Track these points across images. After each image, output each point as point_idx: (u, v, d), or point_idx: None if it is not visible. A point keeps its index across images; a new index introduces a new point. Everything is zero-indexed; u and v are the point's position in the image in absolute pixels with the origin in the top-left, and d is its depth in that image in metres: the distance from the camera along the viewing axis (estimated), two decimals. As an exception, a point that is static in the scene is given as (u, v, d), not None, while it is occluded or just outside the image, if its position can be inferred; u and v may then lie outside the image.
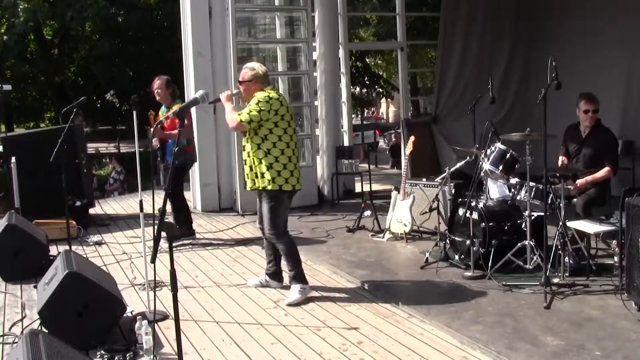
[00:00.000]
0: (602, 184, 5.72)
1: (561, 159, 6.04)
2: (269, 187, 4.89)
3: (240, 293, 5.23)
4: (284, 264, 5.20)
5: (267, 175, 4.87)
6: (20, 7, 17.85)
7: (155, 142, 6.79)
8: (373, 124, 30.78)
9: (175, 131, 6.59)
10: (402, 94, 11.66)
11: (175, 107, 6.72)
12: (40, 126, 23.92)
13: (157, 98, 6.86)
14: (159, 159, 6.94)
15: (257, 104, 4.86)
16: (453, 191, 6.55)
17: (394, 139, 20.96)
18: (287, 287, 5.13)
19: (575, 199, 5.68)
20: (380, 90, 23.91)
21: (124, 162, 15.39)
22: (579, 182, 5.62)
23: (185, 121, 6.65)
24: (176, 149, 3.62)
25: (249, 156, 4.99)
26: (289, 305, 4.87)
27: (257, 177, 4.95)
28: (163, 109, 6.88)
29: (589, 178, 5.64)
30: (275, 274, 5.30)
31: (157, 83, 6.86)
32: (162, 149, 6.84)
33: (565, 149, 6.03)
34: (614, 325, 4.21)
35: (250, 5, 9.32)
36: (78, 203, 7.75)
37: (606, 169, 5.63)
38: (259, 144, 4.90)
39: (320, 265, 5.96)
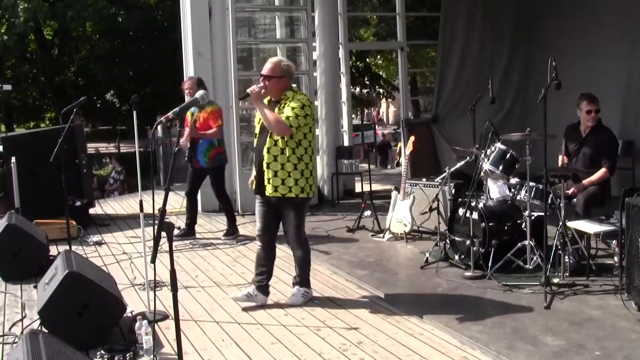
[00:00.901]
0: (602, 183, 5.73)
1: (561, 159, 6.05)
2: (302, 196, 4.66)
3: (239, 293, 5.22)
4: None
5: (301, 183, 4.63)
6: (20, 7, 17.82)
7: (184, 141, 6.87)
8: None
9: (210, 131, 6.77)
10: (402, 94, 11.66)
11: (210, 108, 6.81)
12: (40, 126, 23.91)
13: (189, 98, 6.87)
14: (186, 158, 7.02)
15: (302, 107, 4.55)
16: (453, 191, 6.55)
17: (381, 138, 21.65)
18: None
19: (575, 199, 5.69)
20: (381, 90, 23.90)
21: (124, 162, 15.39)
22: (576, 187, 5.64)
23: (220, 121, 6.77)
24: (176, 149, 3.62)
25: (275, 160, 4.60)
26: (290, 304, 4.85)
27: (283, 183, 4.60)
28: (194, 108, 6.89)
29: (586, 182, 5.66)
30: (265, 287, 4.91)
31: (187, 83, 6.93)
32: (193, 149, 6.87)
33: (565, 149, 6.04)
34: (614, 325, 4.21)
35: (250, 5, 9.32)
36: (78, 203, 7.75)
37: (603, 170, 5.65)
38: (294, 149, 4.60)
39: (320, 265, 5.96)
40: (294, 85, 4.83)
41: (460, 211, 5.68)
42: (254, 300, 4.85)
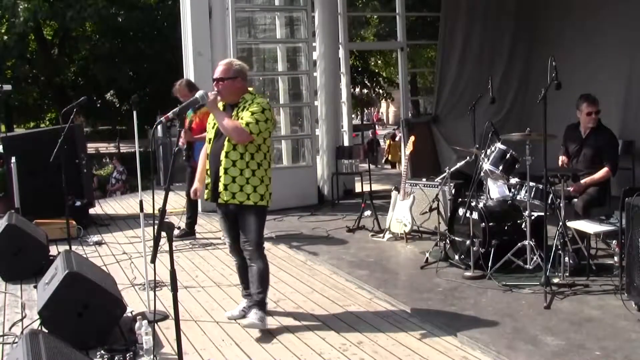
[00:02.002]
0: (601, 183, 5.72)
1: (561, 159, 6.05)
2: (261, 203, 4.35)
3: (240, 293, 5.22)
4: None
5: (260, 190, 4.33)
6: (20, 7, 17.85)
7: (182, 141, 6.79)
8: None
9: (205, 134, 6.57)
10: (402, 94, 11.66)
11: (206, 109, 6.74)
12: (40, 126, 23.93)
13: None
14: (184, 158, 6.95)
15: (263, 112, 4.27)
16: (453, 191, 6.55)
17: (370, 136, 21.93)
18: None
19: (575, 199, 5.69)
20: (381, 91, 23.92)
21: (124, 162, 15.41)
22: (577, 185, 5.64)
23: None
24: (176, 149, 3.63)
25: (234, 165, 4.30)
26: (247, 327, 4.39)
27: (241, 190, 4.30)
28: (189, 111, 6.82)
29: (587, 180, 5.65)
30: None
31: (177, 88, 6.78)
32: (190, 149, 6.84)
33: (565, 149, 6.04)
34: (614, 325, 4.21)
35: (250, 5, 9.32)
36: (78, 203, 7.75)
37: (605, 169, 5.64)
38: (253, 154, 4.32)
39: (320, 265, 5.96)
40: (250, 89, 4.51)
41: (460, 211, 5.68)
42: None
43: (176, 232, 6.84)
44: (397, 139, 20.65)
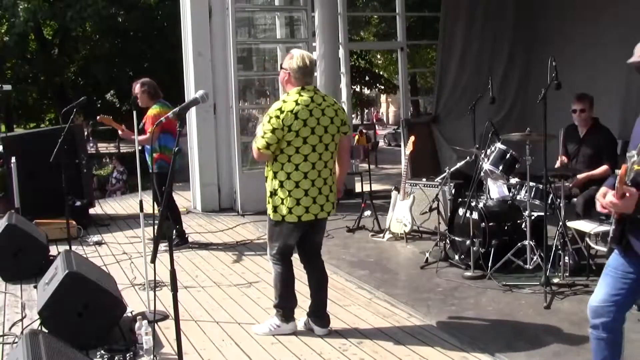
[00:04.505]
0: (602, 181, 5.71)
1: (560, 159, 6.04)
2: (272, 218, 4.15)
3: (240, 293, 5.23)
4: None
5: (289, 203, 4.06)
6: (20, 7, 17.86)
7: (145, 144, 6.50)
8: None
9: (141, 137, 6.10)
10: (402, 94, 11.67)
11: (153, 110, 6.41)
12: (40, 126, 23.93)
13: (140, 104, 6.41)
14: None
15: (269, 121, 3.99)
16: (453, 191, 6.55)
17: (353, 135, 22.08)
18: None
19: (575, 199, 5.69)
20: (382, 87, 23.95)
21: (124, 162, 15.40)
22: (579, 176, 5.64)
23: (152, 127, 6.14)
24: (176, 149, 3.60)
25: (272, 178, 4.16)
26: (256, 333, 4.34)
27: (268, 202, 4.17)
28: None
29: (586, 175, 5.65)
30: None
31: (135, 89, 6.52)
32: (142, 151, 6.66)
33: (564, 149, 6.04)
34: (614, 325, 4.21)
35: (250, 5, 9.33)
36: (78, 203, 7.75)
37: (605, 166, 5.65)
38: (284, 164, 4.06)
39: (320, 265, 5.95)
40: (297, 87, 4.08)
41: (460, 211, 5.68)
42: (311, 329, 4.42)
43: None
44: (364, 132, 20.47)
